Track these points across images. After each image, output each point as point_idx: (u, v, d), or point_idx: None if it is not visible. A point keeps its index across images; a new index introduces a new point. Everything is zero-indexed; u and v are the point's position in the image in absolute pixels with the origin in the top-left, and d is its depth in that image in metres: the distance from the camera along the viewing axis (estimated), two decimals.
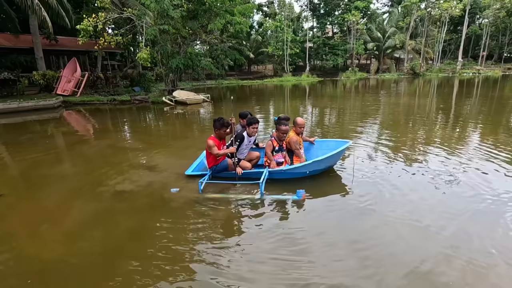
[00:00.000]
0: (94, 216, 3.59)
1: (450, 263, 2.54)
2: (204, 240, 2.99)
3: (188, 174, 4.58)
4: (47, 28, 15.22)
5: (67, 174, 5.22)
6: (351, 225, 3.21)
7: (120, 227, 3.37)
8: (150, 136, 8.61)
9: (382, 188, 4.06)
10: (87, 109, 14.35)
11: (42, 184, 4.75)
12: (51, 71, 17.11)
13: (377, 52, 38.19)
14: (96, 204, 3.90)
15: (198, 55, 16.17)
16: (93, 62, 24.32)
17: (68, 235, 3.21)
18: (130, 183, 4.53)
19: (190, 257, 2.75)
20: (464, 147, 6.03)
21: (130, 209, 3.73)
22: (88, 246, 2.99)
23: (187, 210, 3.63)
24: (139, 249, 2.91)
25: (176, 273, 2.54)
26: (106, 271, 2.64)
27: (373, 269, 2.50)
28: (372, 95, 18.24)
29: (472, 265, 2.50)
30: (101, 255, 2.85)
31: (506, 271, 2.44)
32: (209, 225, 3.29)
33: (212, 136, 4.31)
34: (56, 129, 10.09)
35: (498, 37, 38.44)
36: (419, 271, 2.45)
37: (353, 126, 8.48)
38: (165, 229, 3.22)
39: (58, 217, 3.62)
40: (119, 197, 4.09)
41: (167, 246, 2.92)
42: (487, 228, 3.04)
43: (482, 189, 3.94)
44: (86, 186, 4.53)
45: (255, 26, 41.12)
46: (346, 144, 4.42)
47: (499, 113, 10.20)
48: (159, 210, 3.66)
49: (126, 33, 15.11)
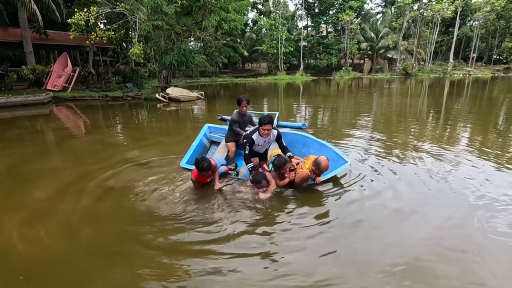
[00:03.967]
0: (83, 212, 3.54)
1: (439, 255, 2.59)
2: (197, 233, 2.98)
3: (183, 166, 4.60)
4: (37, 22, 14.87)
5: (55, 170, 5.13)
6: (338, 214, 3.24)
7: (110, 223, 3.33)
8: (143, 133, 8.51)
9: (371, 181, 4.12)
10: (78, 105, 14.10)
11: (29, 179, 4.65)
12: (41, 66, 16.74)
13: (370, 52, 38.53)
14: (85, 200, 3.84)
15: (192, 51, 16.04)
16: (84, 58, 23.82)
17: (55, 231, 3.16)
18: (120, 178, 4.48)
19: (180, 249, 2.74)
20: (455, 145, 6.14)
21: (119, 205, 3.69)
22: (76, 244, 2.95)
23: (178, 203, 3.61)
24: (128, 246, 2.88)
25: (167, 267, 2.53)
26: (94, 268, 2.61)
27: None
28: (365, 94, 18.41)
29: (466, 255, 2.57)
30: (89, 252, 2.81)
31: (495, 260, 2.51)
32: (201, 218, 3.28)
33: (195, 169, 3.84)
34: (46, 124, 9.88)
35: (488, 39, 39.21)
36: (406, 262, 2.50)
37: (346, 125, 8.54)
38: (156, 226, 3.19)
39: (45, 213, 3.56)
40: (108, 192, 4.03)
41: (158, 241, 2.90)
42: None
43: (473, 184, 4.03)
44: (74, 181, 4.45)
45: (250, 24, 41.01)
46: (343, 167, 4.05)
47: (487, 113, 10.42)
48: (151, 205, 3.63)
49: (119, 28, 14.88)
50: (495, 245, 2.76)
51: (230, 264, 2.56)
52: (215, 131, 5.59)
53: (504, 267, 2.50)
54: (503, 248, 2.73)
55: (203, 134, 5.32)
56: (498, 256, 2.62)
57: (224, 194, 3.87)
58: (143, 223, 3.25)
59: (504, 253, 2.67)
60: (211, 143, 5.51)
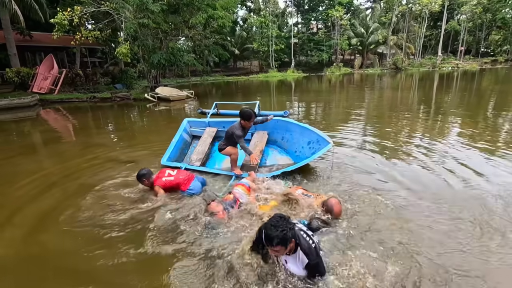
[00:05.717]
0: (67, 212, 3.42)
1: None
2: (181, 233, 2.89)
3: (163, 164, 4.50)
4: (19, 23, 14.49)
5: (40, 171, 4.96)
6: None
7: (95, 223, 3.22)
8: (131, 133, 8.35)
9: (359, 175, 4.08)
10: (65, 107, 13.80)
11: (13, 181, 4.49)
12: (26, 68, 16.36)
13: (360, 47, 38.72)
14: (71, 199, 3.72)
15: (181, 50, 15.85)
16: (71, 59, 23.37)
17: (34, 232, 3.04)
18: (107, 178, 4.34)
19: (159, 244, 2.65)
20: (445, 135, 6.16)
21: (106, 205, 3.57)
22: (60, 243, 2.83)
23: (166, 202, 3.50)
24: (112, 245, 2.77)
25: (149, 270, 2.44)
26: (73, 266, 2.50)
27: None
28: (357, 89, 18.47)
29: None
30: (70, 252, 2.70)
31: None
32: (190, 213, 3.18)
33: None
34: (33, 127, 9.63)
35: (475, 33, 39.77)
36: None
37: (338, 119, 8.53)
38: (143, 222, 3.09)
39: (24, 214, 3.42)
40: (95, 192, 3.90)
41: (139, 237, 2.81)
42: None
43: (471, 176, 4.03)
44: (59, 182, 4.32)
45: (240, 22, 40.79)
46: (326, 148, 4.02)
47: (476, 104, 10.53)
48: (139, 206, 3.51)
49: (105, 28, 14.60)
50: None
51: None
52: (195, 125, 5.44)
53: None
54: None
55: (183, 129, 5.19)
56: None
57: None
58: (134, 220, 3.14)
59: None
60: (193, 137, 5.40)
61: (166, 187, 3.61)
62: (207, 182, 3.96)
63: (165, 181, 3.62)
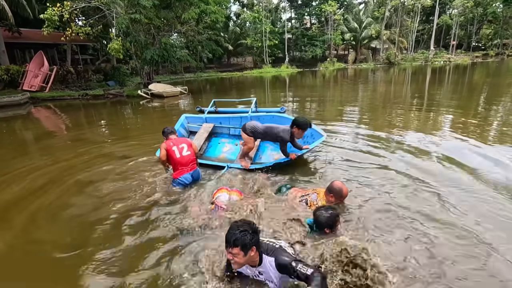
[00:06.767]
0: (61, 210, 3.40)
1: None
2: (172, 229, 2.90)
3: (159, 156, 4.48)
4: (7, 19, 14.18)
5: (31, 169, 4.91)
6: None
7: (89, 219, 3.20)
8: (124, 130, 8.28)
9: (351, 171, 4.13)
10: (57, 105, 13.60)
11: (4, 179, 4.43)
12: (16, 66, 16.05)
13: (354, 42, 38.81)
14: (64, 196, 3.69)
15: (173, 46, 15.69)
16: (62, 56, 23.00)
17: (27, 228, 3.01)
18: (100, 174, 4.32)
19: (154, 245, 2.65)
20: (437, 126, 6.25)
21: (100, 201, 3.55)
22: (51, 239, 2.82)
23: (162, 198, 3.50)
24: (108, 242, 2.77)
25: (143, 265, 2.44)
26: (66, 264, 2.50)
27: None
28: (350, 84, 18.56)
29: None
30: (64, 247, 2.69)
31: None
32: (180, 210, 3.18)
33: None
34: (23, 125, 9.50)
35: (467, 27, 40.13)
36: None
37: (332, 113, 8.57)
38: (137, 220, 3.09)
39: (18, 210, 3.39)
40: (88, 187, 3.88)
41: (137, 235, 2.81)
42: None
43: None
44: (52, 179, 4.28)
45: (233, 17, 40.49)
46: (320, 140, 4.16)
47: (467, 97, 10.68)
48: (133, 201, 3.51)
49: (96, 24, 14.37)
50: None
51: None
52: (192, 121, 5.45)
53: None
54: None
55: (180, 125, 5.19)
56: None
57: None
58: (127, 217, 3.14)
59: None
60: (190, 133, 5.39)
61: (168, 154, 3.59)
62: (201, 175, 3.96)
63: (173, 150, 3.60)
